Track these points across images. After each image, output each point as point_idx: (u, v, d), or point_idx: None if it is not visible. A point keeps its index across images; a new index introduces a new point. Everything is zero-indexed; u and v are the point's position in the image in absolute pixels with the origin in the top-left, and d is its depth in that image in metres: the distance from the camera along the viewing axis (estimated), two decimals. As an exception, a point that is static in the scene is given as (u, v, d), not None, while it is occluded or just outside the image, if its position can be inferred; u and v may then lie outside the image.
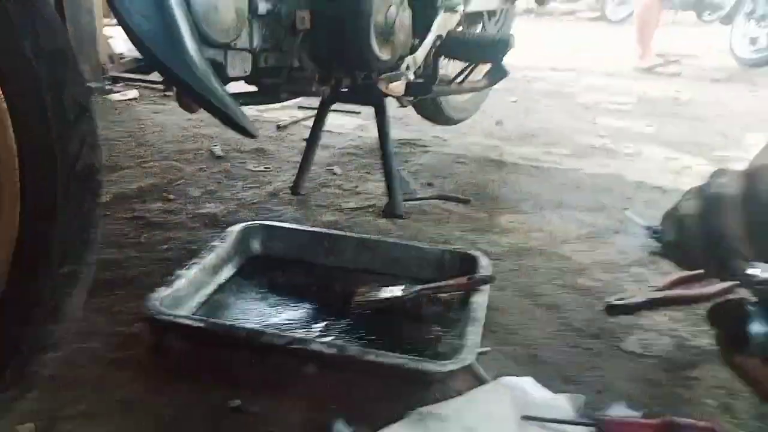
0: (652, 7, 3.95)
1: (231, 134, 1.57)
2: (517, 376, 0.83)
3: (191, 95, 0.70)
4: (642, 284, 1.10)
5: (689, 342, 0.94)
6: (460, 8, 1.43)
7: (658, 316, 1.01)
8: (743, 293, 0.78)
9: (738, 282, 1.10)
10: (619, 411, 0.76)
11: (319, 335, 0.92)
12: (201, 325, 0.86)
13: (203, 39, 0.83)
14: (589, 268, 1.18)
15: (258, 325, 0.93)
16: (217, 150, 1.82)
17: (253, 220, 1.20)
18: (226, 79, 0.95)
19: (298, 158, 1.57)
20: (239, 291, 1.04)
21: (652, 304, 1.03)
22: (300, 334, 0.92)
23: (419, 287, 1.00)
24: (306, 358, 0.83)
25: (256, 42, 0.98)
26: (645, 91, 3.31)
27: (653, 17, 3.97)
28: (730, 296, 0.54)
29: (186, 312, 0.94)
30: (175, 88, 0.93)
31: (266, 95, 1.13)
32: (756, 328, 0.48)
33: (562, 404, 0.77)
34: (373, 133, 1.41)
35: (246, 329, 0.88)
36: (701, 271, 1.14)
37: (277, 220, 1.33)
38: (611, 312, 1.01)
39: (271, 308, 0.99)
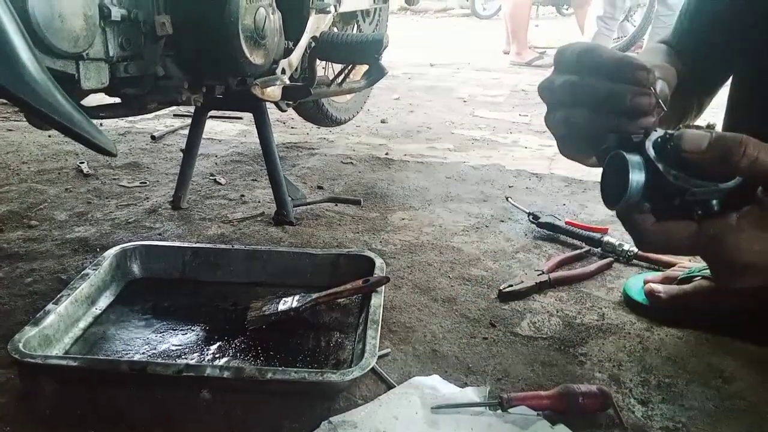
0: (523, 4, 4.17)
1: (99, 150, 1.45)
2: (420, 373, 0.84)
3: (32, 112, 0.62)
4: (529, 269, 1.15)
5: (576, 320, 0.99)
6: (332, 9, 1.41)
7: (546, 299, 1.06)
8: None
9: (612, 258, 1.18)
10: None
11: (212, 358, 0.87)
12: (75, 363, 0.78)
13: (47, 50, 0.75)
14: (479, 258, 1.21)
15: (143, 356, 0.86)
16: (85, 167, 1.68)
17: (131, 241, 1.11)
18: (80, 93, 0.87)
19: (177, 170, 1.48)
20: (120, 320, 0.95)
21: (539, 288, 1.07)
22: (192, 359, 0.86)
23: (315, 295, 0.97)
24: (200, 386, 0.78)
25: (112, 50, 0.90)
26: (516, 83, 3.49)
27: (525, 13, 4.20)
28: None
29: (58, 351, 0.85)
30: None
31: (131, 107, 1.04)
32: (636, 175, 0.48)
33: (469, 396, 0.78)
34: (257, 138, 1.37)
35: (128, 362, 0.81)
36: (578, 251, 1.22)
37: (157, 239, 1.25)
38: (503, 299, 1.04)
39: (158, 335, 0.92)
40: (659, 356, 0.89)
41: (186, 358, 0.86)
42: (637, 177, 0.48)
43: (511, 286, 1.06)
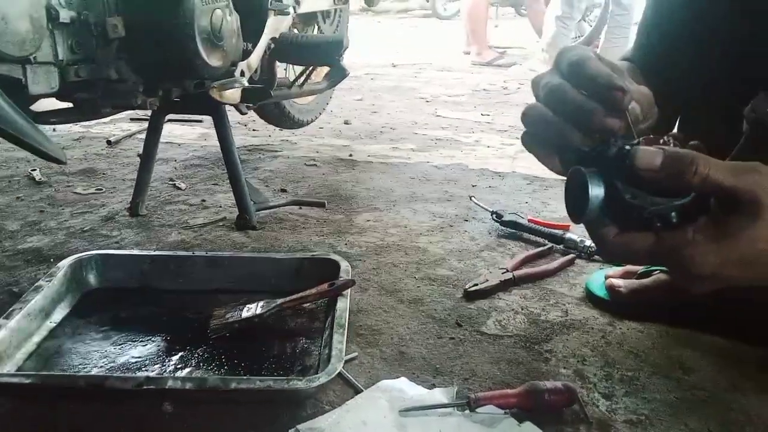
0: (480, 4, 4.22)
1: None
2: (387, 376, 0.83)
3: (-28, 120, 0.60)
4: (493, 267, 1.16)
5: (540, 317, 1.00)
6: (292, 10, 1.39)
7: (510, 296, 1.07)
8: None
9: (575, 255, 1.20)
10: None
11: (174, 370, 0.84)
12: (29, 381, 0.75)
13: (-10, 54, 0.72)
14: (444, 258, 1.22)
15: (102, 369, 0.84)
16: (37, 175, 1.62)
17: (87, 250, 1.08)
18: (28, 98, 0.84)
19: (135, 175, 1.44)
20: (76, 333, 0.92)
21: (504, 286, 1.08)
22: (153, 371, 0.84)
23: (280, 301, 0.96)
24: (162, 398, 0.76)
25: (61, 54, 0.87)
26: (477, 83, 3.52)
27: (483, 14, 4.24)
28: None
29: (11, 368, 0.82)
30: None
31: (83, 111, 1.01)
32: (595, 191, 0.49)
33: (437, 398, 0.78)
34: (217, 141, 1.34)
35: (86, 376, 0.78)
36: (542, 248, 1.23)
37: (114, 248, 1.21)
38: (469, 298, 1.05)
39: (117, 347, 0.89)
40: (621, 350, 0.91)
41: (146, 371, 0.84)
42: (596, 193, 0.49)
43: (477, 285, 1.06)
